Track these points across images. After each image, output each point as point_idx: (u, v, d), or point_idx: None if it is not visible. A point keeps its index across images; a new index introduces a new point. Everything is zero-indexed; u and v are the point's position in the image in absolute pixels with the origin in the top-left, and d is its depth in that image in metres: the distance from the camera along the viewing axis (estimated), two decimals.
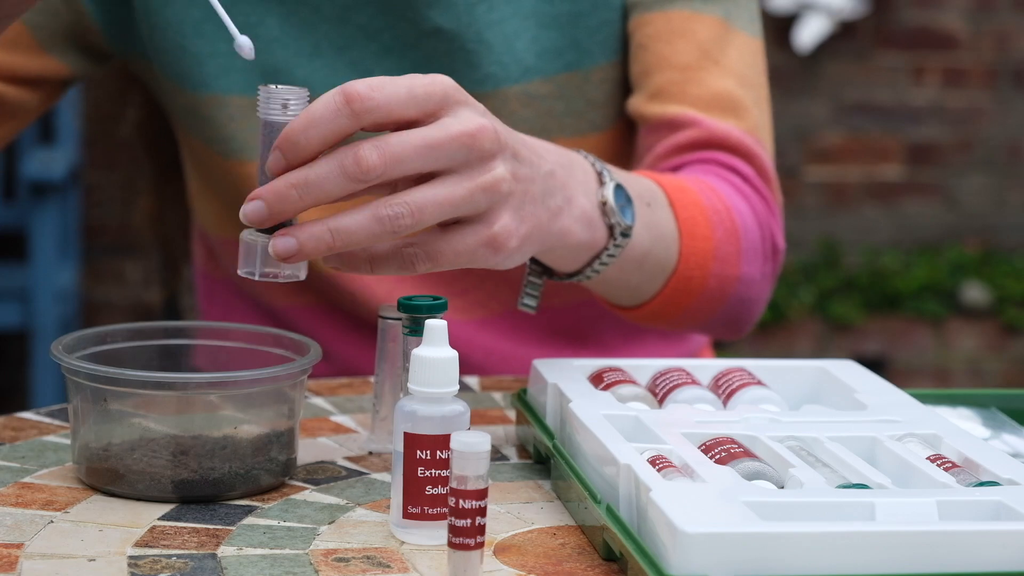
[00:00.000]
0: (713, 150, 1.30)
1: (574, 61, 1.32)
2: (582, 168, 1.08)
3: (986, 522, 0.84)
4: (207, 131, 1.33)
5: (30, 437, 1.08)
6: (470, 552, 0.84)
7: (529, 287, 1.14)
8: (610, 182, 1.09)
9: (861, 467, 0.92)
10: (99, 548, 0.89)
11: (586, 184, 1.08)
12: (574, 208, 1.06)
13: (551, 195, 1.03)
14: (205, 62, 1.31)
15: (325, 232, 0.95)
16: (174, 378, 0.95)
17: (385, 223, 0.94)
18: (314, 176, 0.94)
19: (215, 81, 1.31)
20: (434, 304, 0.96)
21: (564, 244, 1.06)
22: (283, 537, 0.91)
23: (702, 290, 1.23)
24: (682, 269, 1.21)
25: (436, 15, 1.29)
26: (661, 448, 0.94)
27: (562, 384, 1.04)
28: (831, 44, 4.08)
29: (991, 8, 4.15)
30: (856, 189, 4.15)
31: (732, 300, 1.26)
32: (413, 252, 0.97)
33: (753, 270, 1.28)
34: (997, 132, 4.19)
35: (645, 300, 1.22)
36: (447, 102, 0.96)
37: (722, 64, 1.31)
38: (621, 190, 1.10)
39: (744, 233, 1.27)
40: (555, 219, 1.04)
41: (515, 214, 0.99)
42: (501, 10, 1.30)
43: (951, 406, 1.13)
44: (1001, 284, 4.06)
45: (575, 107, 1.33)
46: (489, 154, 0.97)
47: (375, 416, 1.08)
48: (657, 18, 1.31)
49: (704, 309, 1.25)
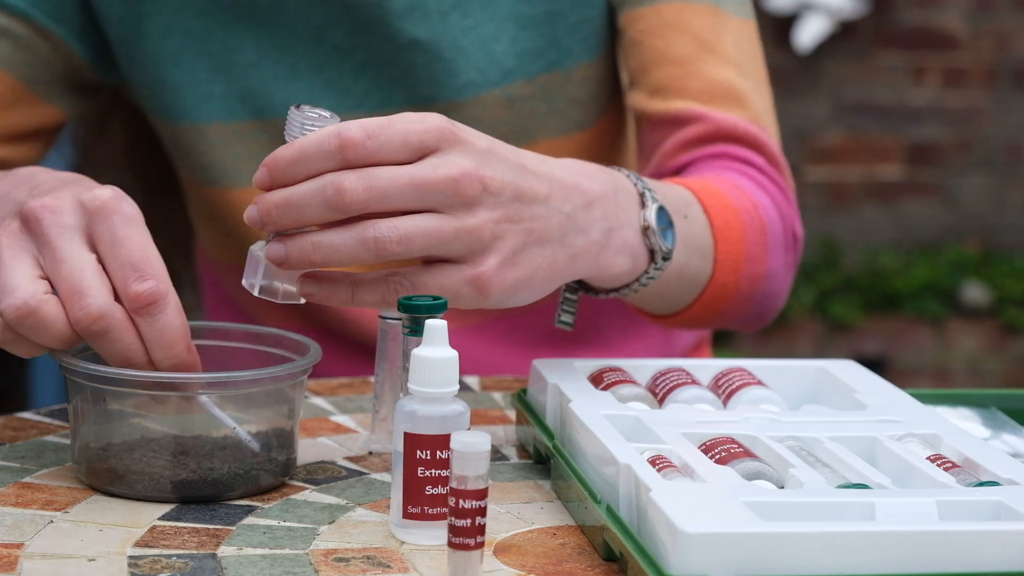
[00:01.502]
0: (722, 143, 1.29)
1: (555, 61, 1.31)
2: (626, 192, 1.07)
3: (986, 522, 0.84)
4: (190, 160, 1.33)
5: (30, 437, 1.08)
6: (470, 552, 0.84)
7: (565, 303, 1.13)
8: (652, 204, 1.08)
9: (861, 467, 0.92)
10: (99, 548, 0.89)
11: (629, 210, 1.07)
12: (615, 239, 1.05)
13: (579, 234, 1.02)
14: (183, 92, 1.31)
15: (307, 244, 0.95)
16: (173, 378, 0.95)
17: (369, 245, 0.95)
18: (296, 200, 0.94)
19: (193, 111, 1.31)
20: (434, 304, 0.96)
21: (603, 276, 1.06)
22: (283, 537, 0.91)
23: (735, 294, 1.22)
24: (718, 277, 1.20)
25: (410, 27, 1.28)
26: (661, 448, 0.94)
27: (562, 384, 1.04)
28: (831, 44, 4.08)
29: (991, 8, 4.15)
30: (856, 189, 4.16)
31: (759, 297, 1.26)
32: (398, 282, 0.97)
33: (778, 263, 1.27)
34: (997, 132, 4.19)
35: (681, 308, 1.21)
36: (440, 144, 0.96)
37: (719, 52, 1.30)
38: (664, 212, 1.09)
39: (770, 228, 1.26)
40: (582, 257, 1.03)
41: (506, 259, 0.98)
42: (476, 15, 1.29)
43: (951, 406, 1.13)
44: (1001, 284, 4.06)
45: (558, 107, 1.33)
46: (472, 200, 0.96)
47: (375, 416, 1.08)
48: (648, 13, 1.31)
49: (735, 311, 1.24)
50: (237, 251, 1.37)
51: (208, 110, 1.31)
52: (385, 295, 0.98)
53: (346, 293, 0.98)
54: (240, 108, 1.31)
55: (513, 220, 0.98)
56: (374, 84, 1.30)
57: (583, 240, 1.02)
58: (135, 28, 1.30)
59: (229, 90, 1.30)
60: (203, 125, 1.31)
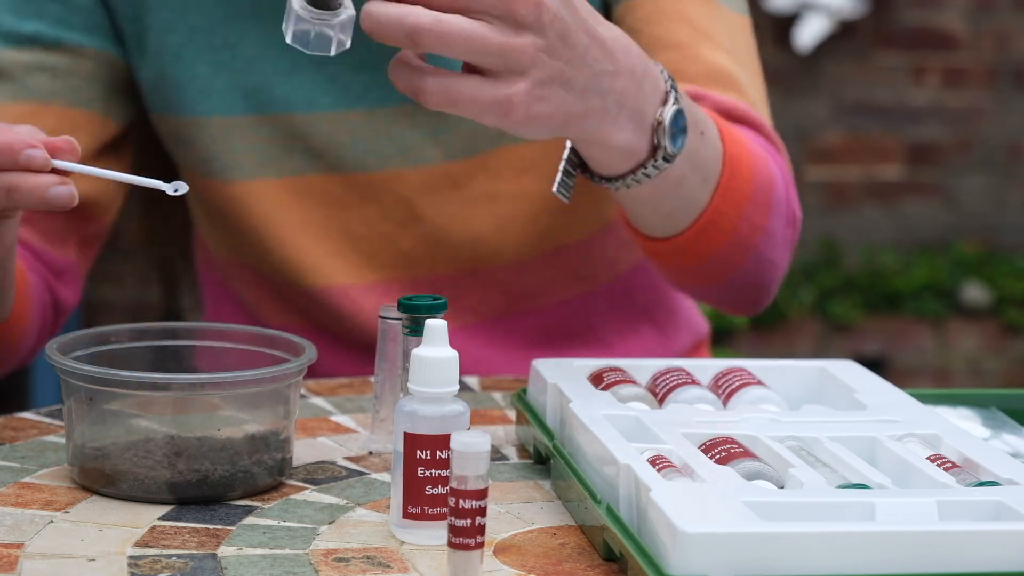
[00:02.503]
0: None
1: None
2: (653, 83, 1.09)
3: (986, 522, 0.84)
4: (191, 154, 1.34)
5: (30, 437, 1.08)
6: (470, 552, 0.84)
7: (564, 175, 1.13)
8: (672, 105, 1.09)
9: (861, 467, 0.92)
10: (99, 548, 0.89)
11: (648, 99, 1.08)
12: (622, 116, 1.06)
13: (597, 94, 1.04)
14: (186, 86, 1.31)
15: (363, 8, 0.97)
16: (166, 379, 0.95)
17: (408, 28, 0.96)
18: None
19: (195, 104, 1.32)
20: (434, 304, 0.96)
21: (600, 144, 1.08)
22: (283, 537, 0.91)
23: (733, 231, 1.21)
24: (717, 203, 1.19)
25: None
26: (661, 448, 0.94)
27: (562, 384, 1.04)
28: (831, 44, 4.08)
29: (991, 8, 4.15)
30: (856, 189, 4.15)
31: (756, 254, 1.25)
32: (434, 82, 0.99)
33: (778, 227, 1.27)
34: (997, 132, 4.19)
35: (677, 231, 1.20)
36: None
37: (714, 39, 1.31)
38: (681, 116, 1.10)
39: (775, 189, 1.25)
40: (592, 117, 1.05)
41: (535, 88, 1.00)
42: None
43: (951, 406, 1.13)
44: (1001, 284, 4.06)
45: None
46: (524, 21, 0.98)
47: (375, 416, 1.08)
48: (645, 2, 1.31)
49: (730, 258, 1.24)
50: (237, 245, 1.38)
51: (210, 104, 1.31)
52: (410, 82, 0.99)
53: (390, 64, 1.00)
54: (241, 102, 1.31)
55: (552, 55, 1.00)
56: (373, 80, 1.30)
57: (598, 102, 1.04)
58: (139, 23, 1.31)
59: (231, 84, 1.31)
60: (204, 119, 1.32)
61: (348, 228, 1.35)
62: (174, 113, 1.33)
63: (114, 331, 1.05)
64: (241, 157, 1.33)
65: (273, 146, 1.32)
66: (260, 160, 1.33)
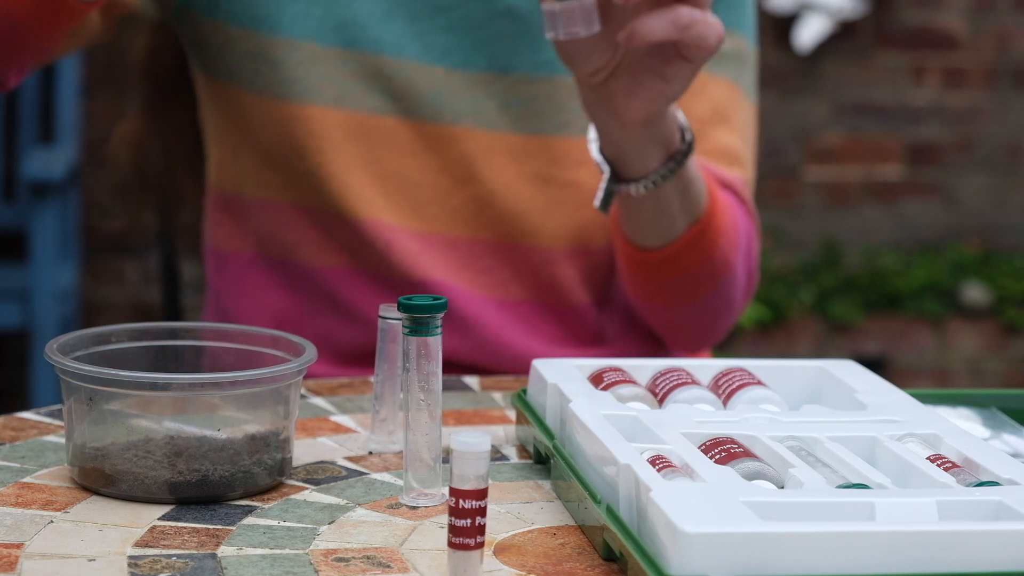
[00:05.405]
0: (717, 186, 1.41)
1: None
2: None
3: (986, 522, 0.84)
4: (271, 75, 1.39)
5: (30, 437, 1.08)
6: (470, 552, 0.84)
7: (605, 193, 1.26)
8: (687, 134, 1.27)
9: (861, 467, 0.92)
10: (99, 548, 0.89)
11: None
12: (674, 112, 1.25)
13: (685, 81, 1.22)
14: (285, 7, 1.37)
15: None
16: (165, 379, 0.95)
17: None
18: None
19: (292, 26, 1.38)
20: (434, 304, 0.96)
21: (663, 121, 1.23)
22: (283, 537, 0.91)
23: (711, 252, 1.33)
24: (707, 217, 1.32)
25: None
26: (661, 448, 0.94)
27: (562, 384, 1.04)
28: (831, 44, 4.08)
29: (991, 8, 4.15)
30: (856, 189, 4.16)
31: (721, 286, 1.37)
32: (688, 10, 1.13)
33: (740, 272, 1.39)
34: (997, 132, 4.19)
35: (671, 240, 1.31)
36: None
37: (731, 123, 1.44)
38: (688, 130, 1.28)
39: (740, 234, 1.38)
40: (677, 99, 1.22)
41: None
42: None
43: (951, 406, 1.13)
44: (1001, 284, 4.06)
45: None
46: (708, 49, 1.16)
47: (375, 416, 1.08)
48: None
49: (703, 281, 1.35)
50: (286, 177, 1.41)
51: (304, 28, 1.38)
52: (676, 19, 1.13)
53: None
54: (334, 34, 1.38)
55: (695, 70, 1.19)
56: (458, 44, 1.38)
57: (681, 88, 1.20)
58: None
59: (328, 15, 1.38)
60: (297, 41, 1.38)
61: (405, 174, 1.40)
62: (266, 30, 1.38)
63: (114, 331, 1.05)
64: (322, 84, 1.38)
65: (356, 81, 1.38)
66: (340, 91, 1.38)
